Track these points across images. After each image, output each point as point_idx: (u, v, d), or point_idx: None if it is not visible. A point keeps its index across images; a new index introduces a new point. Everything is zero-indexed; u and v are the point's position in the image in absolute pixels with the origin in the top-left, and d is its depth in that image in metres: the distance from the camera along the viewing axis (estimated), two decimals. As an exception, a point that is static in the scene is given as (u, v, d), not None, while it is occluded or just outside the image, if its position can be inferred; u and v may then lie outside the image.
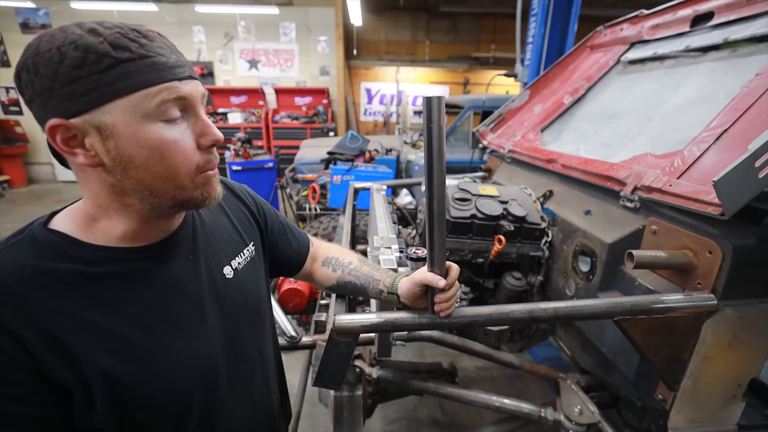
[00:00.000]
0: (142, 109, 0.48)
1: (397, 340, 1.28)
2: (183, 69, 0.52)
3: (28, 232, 0.51)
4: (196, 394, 0.58)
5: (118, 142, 0.48)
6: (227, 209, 0.72)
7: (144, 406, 0.53)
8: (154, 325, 0.54)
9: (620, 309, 0.79)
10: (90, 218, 0.54)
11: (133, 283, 0.54)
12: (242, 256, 0.70)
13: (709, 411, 0.99)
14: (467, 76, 9.04)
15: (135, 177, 0.50)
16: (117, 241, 0.54)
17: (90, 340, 0.49)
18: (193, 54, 7.21)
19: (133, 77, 0.47)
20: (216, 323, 0.62)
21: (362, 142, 4.03)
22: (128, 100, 0.47)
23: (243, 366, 0.68)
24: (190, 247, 0.62)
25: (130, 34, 0.47)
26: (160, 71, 0.48)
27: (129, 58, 0.46)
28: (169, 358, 0.55)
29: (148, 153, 0.49)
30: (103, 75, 0.45)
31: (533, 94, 2.16)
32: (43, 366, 0.46)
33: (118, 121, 0.47)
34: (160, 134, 0.49)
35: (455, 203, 1.38)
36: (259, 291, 0.74)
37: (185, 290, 0.59)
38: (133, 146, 0.48)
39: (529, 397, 1.40)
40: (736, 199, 0.77)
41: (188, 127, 0.53)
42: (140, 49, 0.47)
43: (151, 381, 0.53)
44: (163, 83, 0.49)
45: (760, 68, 1.07)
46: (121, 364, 0.50)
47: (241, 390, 0.67)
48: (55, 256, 0.50)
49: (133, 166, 0.49)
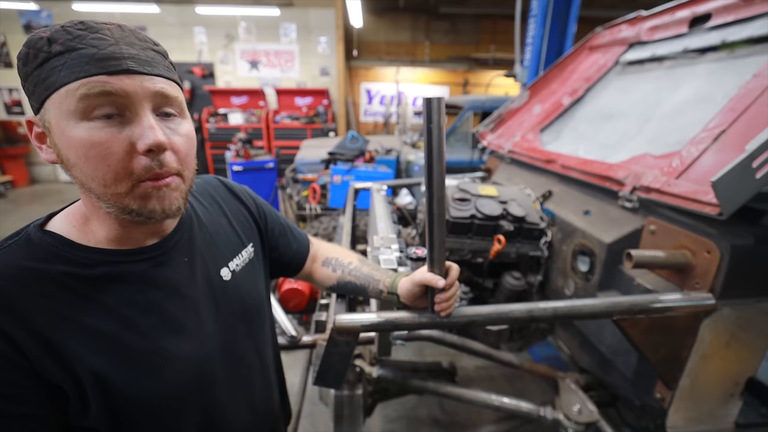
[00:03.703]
0: (65, 106, 0.44)
1: (397, 339, 1.28)
2: (119, 62, 0.45)
3: (24, 234, 0.51)
4: (192, 397, 0.58)
5: (54, 140, 0.47)
6: (226, 210, 0.72)
7: (138, 407, 0.52)
8: (148, 328, 0.53)
9: (619, 308, 0.80)
10: (84, 218, 0.53)
11: (127, 285, 0.53)
12: (241, 258, 0.70)
13: (707, 409, 0.99)
14: (467, 76, 9.04)
15: (77, 177, 0.48)
16: (110, 243, 0.53)
17: (83, 342, 0.48)
18: (194, 55, 7.23)
19: (59, 72, 0.44)
20: (213, 325, 0.61)
21: (362, 143, 4.04)
22: (55, 97, 0.45)
23: (241, 368, 0.67)
24: (187, 250, 0.60)
25: (71, 27, 0.45)
26: (84, 64, 0.44)
27: (58, 51, 0.44)
28: (163, 361, 0.54)
29: (74, 153, 0.46)
30: (39, 70, 0.44)
31: (532, 94, 2.16)
32: (38, 366, 0.46)
33: (52, 119, 0.46)
34: (82, 135, 0.45)
35: (455, 203, 1.39)
36: (258, 292, 0.73)
37: (180, 293, 0.58)
38: (64, 145, 0.46)
39: (528, 396, 1.41)
40: (734, 199, 0.77)
41: (126, 128, 0.47)
42: (72, 41, 0.44)
43: (145, 383, 0.52)
44: (86, 77, 0.44)
45: (757, 69, 1.08)
46: (114, 367, 0.50)
47: (240, 392, 0.67)
48: (49, 258, 0.49)
49: (70, 165, 0.48)
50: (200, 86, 7.19)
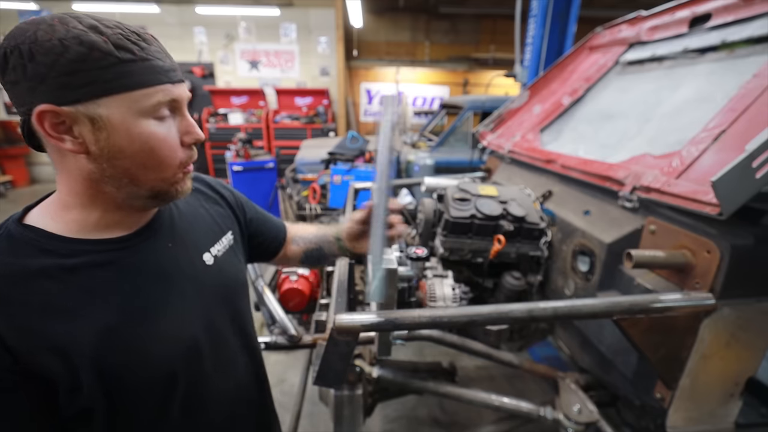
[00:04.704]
0: (138, 106, 0.52)
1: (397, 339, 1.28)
2: (176, 73, 0.56)
3: (5, 230, 0.53)
4: (180, 374, 0.62)
5: (110, 134, 0.51)
6: (203, 200, 0.77)
7: (130, 386, 0.56)
8: (135, 312, 0.57)
9: (619, 308, 0.80)
10: (64, 207, 0.56)
11: (112, 272, 0.56)
12: (221, 244, 0.75)
13: (707, 409, 0.99)
14: (467, 76, 9.05)
15: (121, 166, 0.53)
16: (92, 231, 0.56)
17: (73, 329, 0.51)
18: (194, 55, 7.23)
19: (132, 77, 0.50)
20: (197, 307, 0.65)
21: (362, 143, 4.04)
22: (126, 97, 0.50)
23: (225, 347, 0.72)
24: (170, 236, 0.65)
25: (131, 37, 0.51)
26: (157, 74, 0.53)
27: (130, 59, 0.50)
28: (152, 342, 0.58)
29: (139, 146, 0.53)
30: (104, 71, 0.49)
31: (532, 94, 2.16)
32: (25, 359, 0.48)
33: (113, 115, 0.50)
34: (152, 130, 0.54)
35: (455, 203, 1.39)
36: (239, 277, 0.79)
37: (165, 277, 0.62)
38: (125, 139, 0.52)
39: (528, 396, 1.41)
40: (734, 199, 0.77)
41: (174, 125, 0.57)
42: (141, 52, 0.51)
43: (136, 364, 0.56)
44: (160, 85, 0.53)
45: (757, 69, 1.08)
46: (105, 351, 0.53)
47: (225, 368, 0.71)
48: (32, 252, 0.52)
49: (122, 156, 0.53)
50: (200, 86, 7.19)
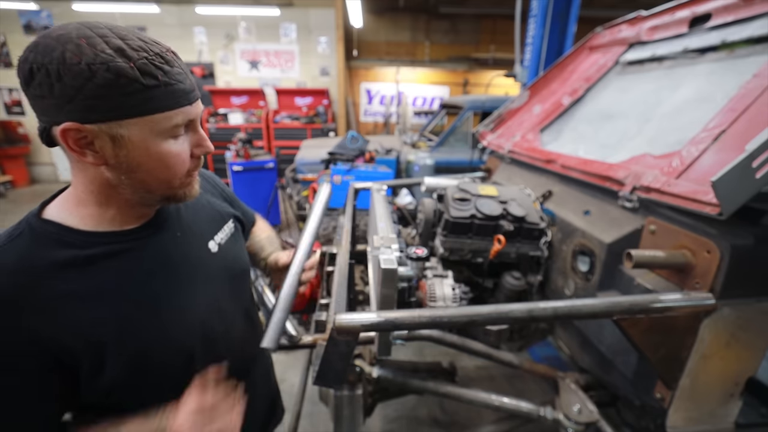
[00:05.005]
0: (158, 128, 0.55)
1: (397, 339, 1.28)
2: (194, 93, 0.59)
3: (26, 226, 0.57)
4: (197, 355, 0.67)
5: (129, 152, 0.55)
6: (204, 193, 0.81)
7: (152, 364, 0.62)
8: (151, 298, 0.62)
9: (619, 308, 0.80)
10: (81, 203, 0.60)
11: (127, 262, 0.61)
12: (224, 232, 0.81)
13: (707, 409, 0.99)
14: (467, 76, 9.04)
15: (137, 178, 0.58)
16: (107, 225, 0.61)
17: (94, 315, 0.56)
18: (194, 55, 7.22)
19: (154, 102, 0.54)
20: (207, 292, 0.71)
21: (362, 143, 4.04)
22: (147, 120, 0.54)
23: (234, 329, 0.79)
24: (178, 226, 0.70)
25: (156, 60, 0.53)
26: (178, 98, 0.56)
27: (155, 84, 0.53)
28: (168, 324, 0.63)
29: (155, 163, 0.57)
30: (129, 97, 0.51)
31: (532, 94, 2.16)
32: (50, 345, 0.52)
33: (134, 135, 0.54)
34: (169, 149, 0.58)
35: (455, 203, 1.39)
36: (242, 261, 0.85)
37: (176, 265, 0.67)
38: (144, 156, 0.56)
39: (528, 396, 1.41)
40: (734, 199, 0.77)
41: (187, 139, 0.61)
42: (164, 76, 0.54)
43: (154, 345, 0.61)
44: (179, 108, 0.56)
45: (757, 69, 1.08)
46: (124, 335, 0.58)
47: (235, 345, 0.78)
48: (53, 244, 0.56)
49: (139, 170, 0.57)
50: (200, 86, 7.18)
